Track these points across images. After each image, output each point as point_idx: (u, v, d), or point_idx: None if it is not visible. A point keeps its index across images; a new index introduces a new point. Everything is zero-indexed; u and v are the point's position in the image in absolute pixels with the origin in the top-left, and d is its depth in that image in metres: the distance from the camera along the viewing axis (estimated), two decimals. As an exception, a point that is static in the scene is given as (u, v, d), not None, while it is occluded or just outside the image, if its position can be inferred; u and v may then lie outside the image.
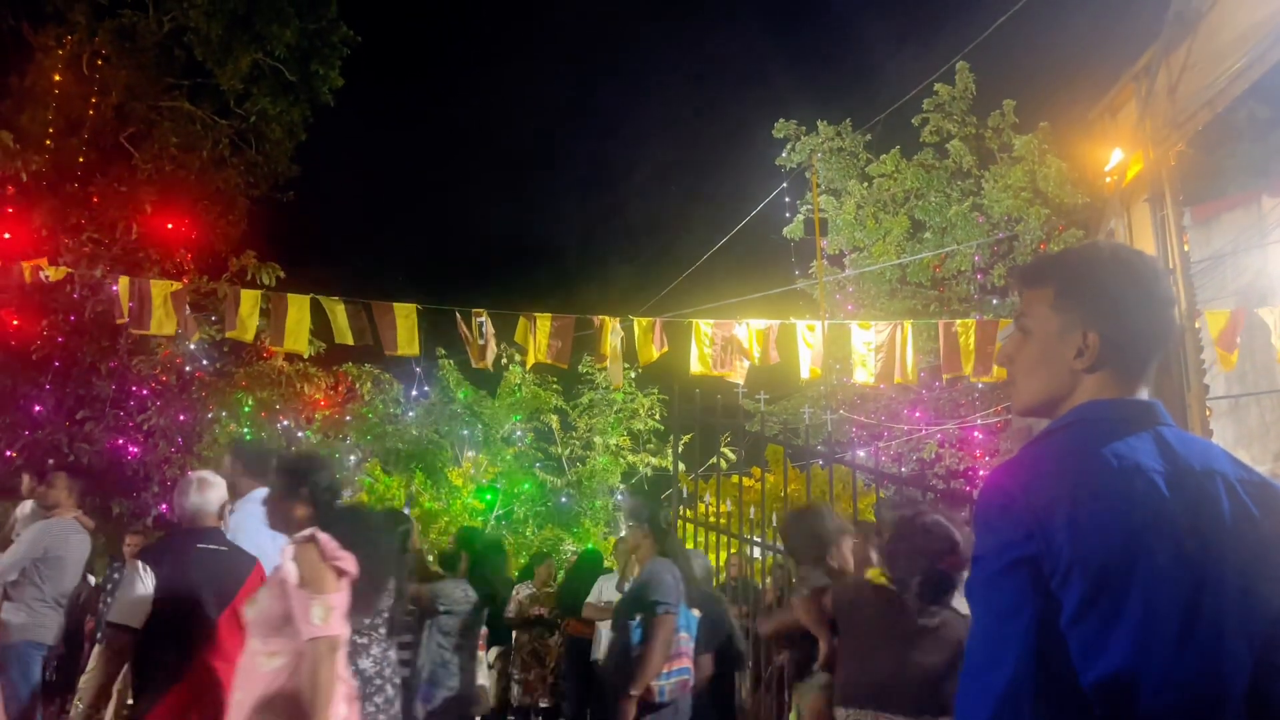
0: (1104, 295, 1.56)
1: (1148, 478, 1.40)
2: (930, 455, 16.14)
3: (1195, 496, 1.40)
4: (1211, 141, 10.06)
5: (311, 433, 15.71)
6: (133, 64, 14.34)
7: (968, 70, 16.00)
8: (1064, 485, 1.40)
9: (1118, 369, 1.53)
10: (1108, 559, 1.34)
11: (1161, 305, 1.55)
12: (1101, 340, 1.54)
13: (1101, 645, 1.33)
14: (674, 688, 4.36)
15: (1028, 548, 1.36)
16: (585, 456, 17.96)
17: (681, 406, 7.87)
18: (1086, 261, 1.61)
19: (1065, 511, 1.36)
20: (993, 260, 15.81)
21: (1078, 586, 1.33)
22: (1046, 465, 1.46)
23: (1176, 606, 1.34)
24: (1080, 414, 1.53)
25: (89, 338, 12.68)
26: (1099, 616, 1.33)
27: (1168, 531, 1.37)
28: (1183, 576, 1.35)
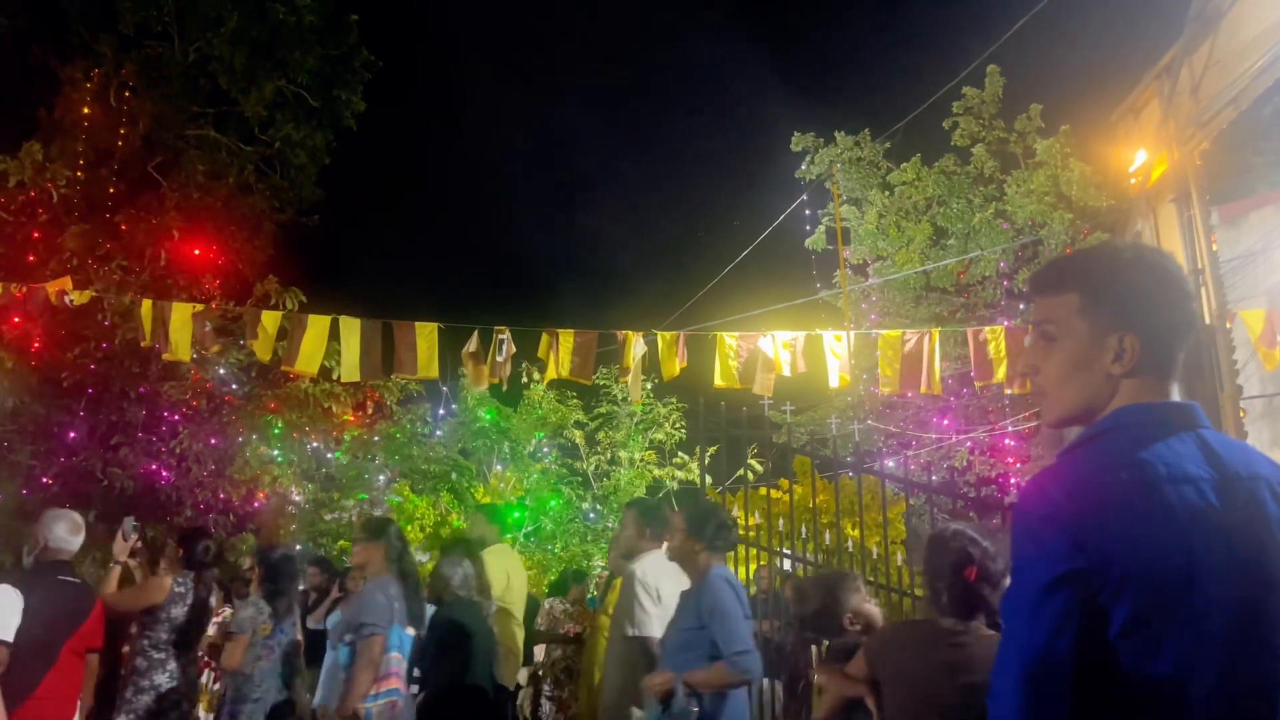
0: (1135, 296, 1.53)
1: (1196, 486, 1.37)
2: (961, 463, 16.00)
3: (1244, 504, 1.37)
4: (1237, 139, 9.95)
5: (341, 453, 15.80)
6: (159, 94, 14.58)
7: (998, 74, 15.93)
8: (1113, 494, 1.36)
9: (1153, 371, 1.50)
10: (1163, 572, 1.31)
11: (1187, 301, 1.54)
12: (1143, 339, 1.51)
13: (1153, 660, 1.29)
14: (382, 710, 4.32)
15: (1076, 561, 1.31)
16: (611, 471, 17.94)
17: (707, 419, 7.86)
18: (1111, 263, 1.57)
19: (1116, 522, 1.33)
20: (1017, 265, 15.70)
21: (1130, 601, 1.30)
22: (1092, 473, 1.41)
23: (1231, 621, 1.31)
24: (1118, 419, 1.49)
25: (120, 364, 12.85)
26: (1152, 631, 1.30)
27: (1220, 542, 1.33)
28: (1236, 590, 1.32)
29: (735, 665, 3.67)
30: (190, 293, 12.92)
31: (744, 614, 3.83)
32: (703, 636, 3.74)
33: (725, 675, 3.69)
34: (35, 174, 12.25)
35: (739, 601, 3.84)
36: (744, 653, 3.70)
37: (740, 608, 3.82)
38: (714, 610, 3.77)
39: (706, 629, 3.74)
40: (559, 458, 18.06)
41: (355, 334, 9.04)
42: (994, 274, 15.87)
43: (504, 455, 17.31)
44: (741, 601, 3.84)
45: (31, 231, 12.61)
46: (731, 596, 3.82)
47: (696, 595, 3.89)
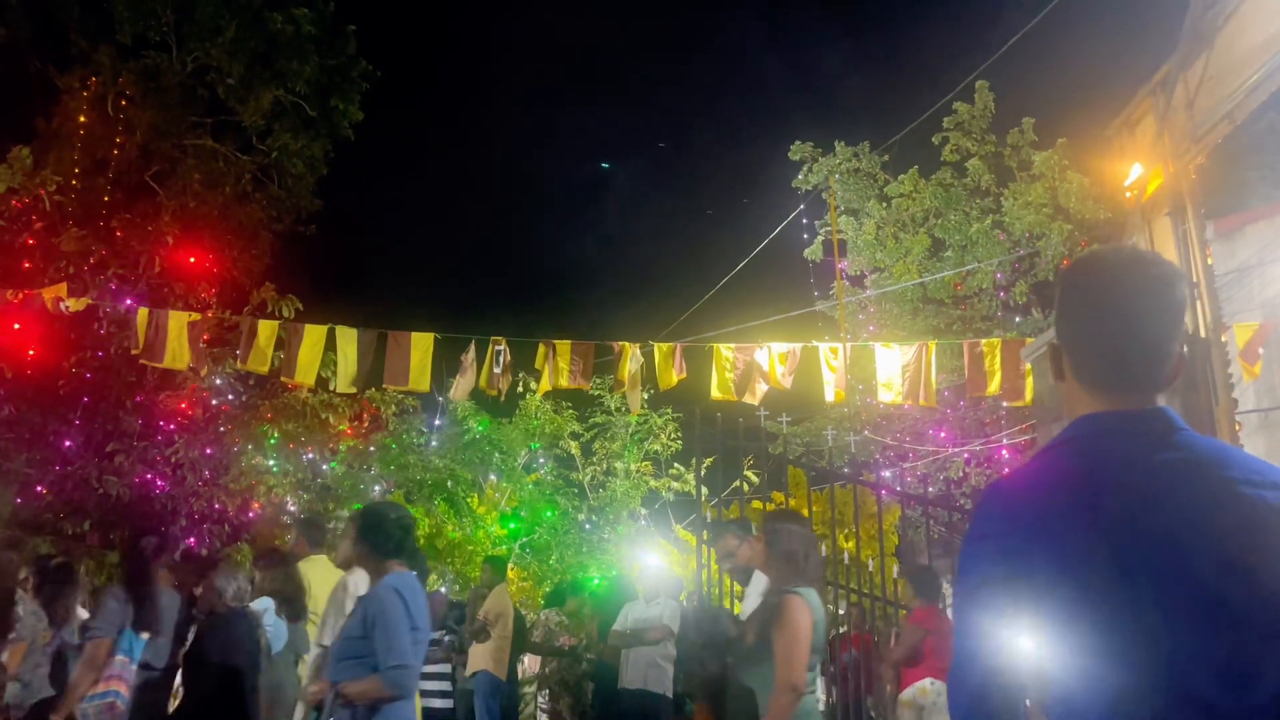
0: (1068, 304, 1.54)
1: (1132, 494, 1.37)
2: (957, 475, 16.00)
3: (1187, 511, 1.35)
4: (1232, 154, 9.99)
5: (336, 464, 15.77)
6: (157, 104, 14.59)
7: (987, 89, 15.99)
8: (1039, 504, 1.41)
9: (1100, 380, 1.49)
10: (1084, 578, 1.34)
11: (1135, 304, 1.47)
12: (1067, 351, 1.52)
13: (1080, 659, 1.33)
14: (99, 710, 4.47)
15: (1000, 568, 1.40)
16: (607, 482, 17.90)
17: (703, 430, 7.85)
18: (1064, 274, 1.59)
19: (1040, 530, 1.38)
20: (1014, 277, 15.73)
21: (1053, 605, 1.35)
22: (1024, 486, 1.48)
23: (1156, 624, 1.31)
24: (1074, 429, 1.50)
25: (116, 373, 12.83)
26: (1074, 634, 1.34)
27: (1148, 549, 1.33)
28: (1165, 594, 1.31)
29: (388, 679, 3.47)
30: (186, 301, 12.91)
31: (413, 625, 3.58)
32: (366, 646, 3.55)
33: (377, 689, 3.48)
34: (26, 180, 12.24)
35: (407, 613, 3.58)
36: (398, 667, 3.49)
37: (408, 619, 3.57)
38: (376, 620, 3.56)
39: (368, 638, 3.55)
40: (555, 469, 18.03)
41: (352, 344, 9.05)
42: (991, 286, 15.89)
43: (496, 466, 17.28)
44: (412, 613, 3.59)
45: (27, 239, 12.60)
46: (397, 607, 3.57)
47: (364, 603, 3.69)
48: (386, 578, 3.68)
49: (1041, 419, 7.22)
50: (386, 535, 3.76)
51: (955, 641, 1.46)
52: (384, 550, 3.74)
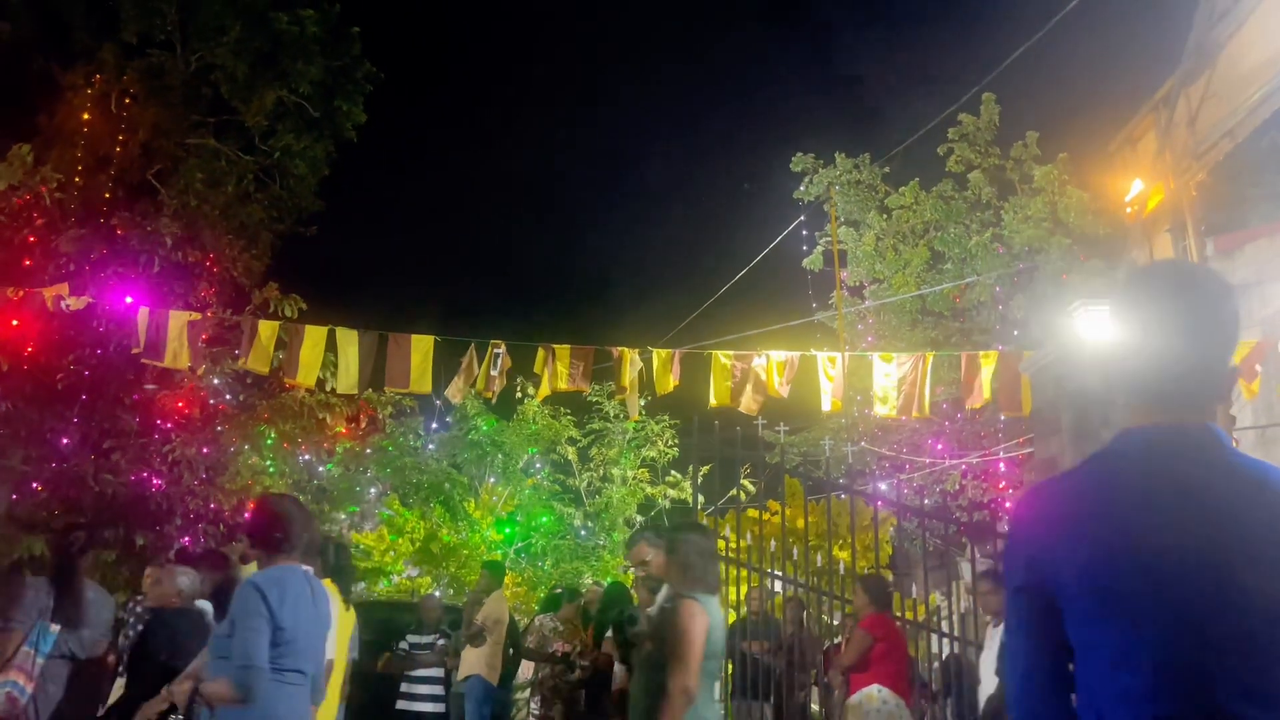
0: (1117, 315, 1.57)
1: (1169, 509, 1.38)
2: (954, 487, 15.98)
3: (1225, 529, 1.36)
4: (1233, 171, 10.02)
5: (333, 465, 15.76)
6: (160, 102, 14.58)
7: (993, 101, 16.01)
8: (1066, 516, 1.46)
9: (1140, 396, 1.50)
10: (1114, 585, 1.37)
11: (1187, 319, 1.48)
12: (1117, 363, 1.55)
13: (1110, 660, 1.37)
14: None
15: (1028, 577, 1.47)
16: (603, 488, 17.89)
17: (701, 438, 7.85)
18: (1120, 284, 1.61)
19: (1064, 544, 1.43)
20: (1013, 291, 15.73)
21: (1081, 610, 1.40)
22: (1055, 495, 1.52)
23: (1185, 628, 1.33)
24: (1119, 442, 1.51)
25: (114, 370, 12.81)
26: (1106, 636, 1.37)
27: (1180, 565, 1.35)
28: (1195, 611, 1.33)
29: (234, 679, 3.36)
30: (185, 300, 12.89)
31: (276, 624, 3.43)
32: (229, 644, 3.48)
33: (226, 689, 3.38)
34: (27, 177, 12.24)
35: (268, 610, 3.44)
36: (245, 668, 3.35)
37: (266, 617, 3.42)
38: (235, 618, 3.48)
39: (233, 636, 3.48)
40: (551, 473, 18.02)
41: (352, 345, 9.05)
42: (990, 299, 15.90)
43: (496, 468, 17.26)
44: (274, 610, 3.44)
45: (28, 236, 12.59)
46: (252, 604, 3.44)
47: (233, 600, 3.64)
48: (255, 574, 3.61)
49: (1040, 432, 7.23)
50: (271, 529, 3.66)
51: (1005, 639, 1.56)
52: (269, 544, 3.65)
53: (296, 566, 3.66)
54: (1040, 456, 7.17)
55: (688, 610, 3.58)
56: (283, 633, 3.44)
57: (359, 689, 8.74)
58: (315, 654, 3.61)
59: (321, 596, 3.74)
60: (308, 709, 3.63)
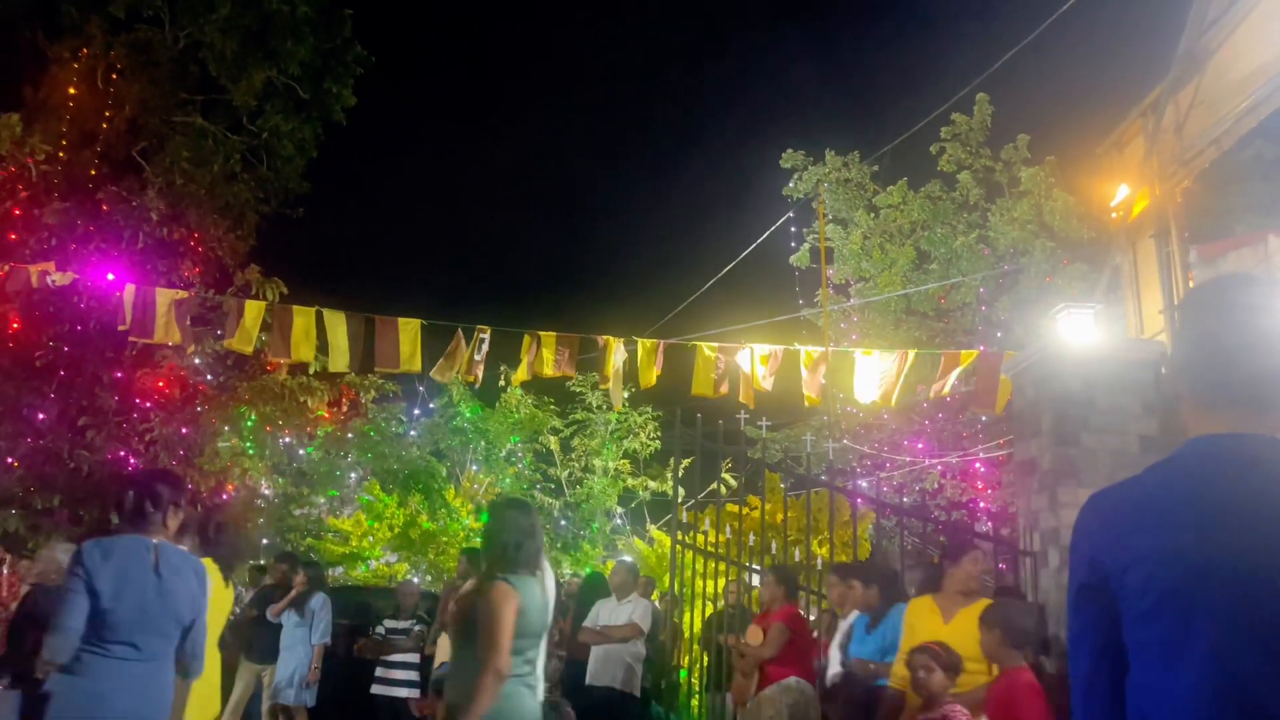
0: (1186, 323, 1.61)
1: (1227, 517, 1.40)
2: (932, 486, 16.06)
3: (1275, 537, 1.37)
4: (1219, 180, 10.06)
5: (313, 449, 15.68)
6: (147, 78, 14.45)
7: (986, 102, 16.04)
8: (1127, 520, 1.50)
9: (1222, 402, 1.52)
10: (1168, 587, 1.41)
11: (1257, 328, 1.50)
12: (1184, 371, 1.58)
13: (1162, 662, 1.40)
14: None
15: (1089, 577, 1.53)
16: (584, 479, 17.88)
17: (683, 431, 7.86)
18: (1190, 293, 1.66)
19: (1123, 547, 1.48)
20: (997, 293, 15.80)
21: (1138, 610, 1.44)
22: (1118, 499, 1.57)
23: (1238, 634, 1.35)
24: (1184, 449, 1.54)
25: (93, 348, 12.72)
26: (1159, 637, 1.41)
27: (1234, 572, 1.37)
28: (1248, 606, 1.35)
29: (46, 643, 3.38)
30: (169, 278, 12.81)
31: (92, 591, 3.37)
32: None
33: (47, 654, 3.38)
34: (14, 148, 12.11)
35: (82, 575, 3.39)
36: (54, 630, 3.34)
37: (78, 582, 3.37)
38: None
39: None
40: (533, 463, 18.00)
41: (341, 327, 9.03)
42: (974, 300, 15.97)
43: (479, 456, 17.23)
44: (90, 576, 3.38)
45: (12, 209, 12.47)
46: (73, 568, 3.43)
47: None
48: (86, 540, 3.62)
49: (1020, 433, 7.25)
50: (128, 503, 3.67)
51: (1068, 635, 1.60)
52: (125, 517, 3.66)
53: (140, 537, 3.59)
54: (1019, 458, 7.20)
55: (499, 592, 3.59)
56: (99, 599, 3.37)
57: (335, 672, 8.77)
58: (156, 627, 3.50)
59: (178, 571, 3.61)
60: (148, 684, 3.51)
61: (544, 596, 3.85)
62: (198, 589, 3.68)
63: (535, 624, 3.73)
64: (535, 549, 3.86)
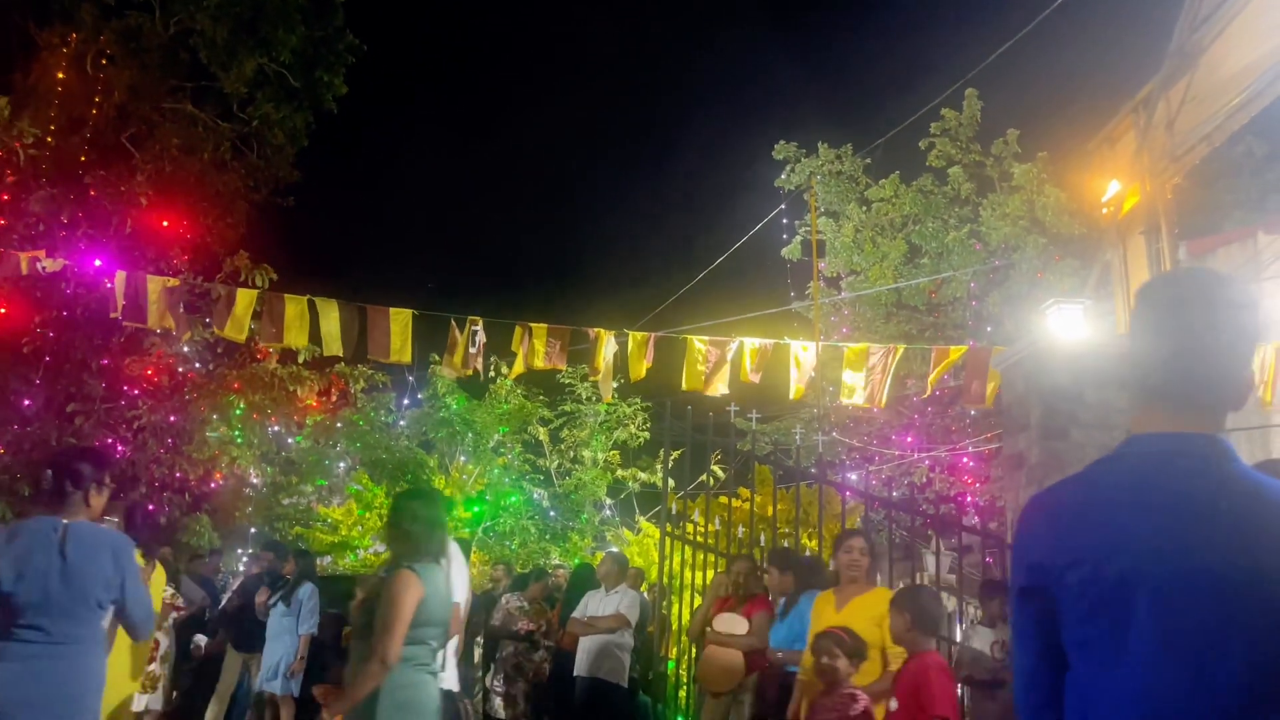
0: (1137, 319, 1.58)
1: (1164, 519, 1.40)
2: (921, 479, 16.12)
3: (1220, 541, 1.36)
4: (1209, 176, 10.12)
5: (302, 438, 15.63)
6: (137, 65, 14.35)
7: (975, 97, 16.07)
8: (1064, 522, 1.50)
9: (1167, 400, 1.50)
10: (1104, 590, 1.40)
11: (1205, 327, 1.47)
12: (1134, 366, 1.56)
13: (1099, 662, 1.40)
14: None
15: (1029, 579, 1.51)
16: (573, 469, 17.86)
17: (673, 423, 7.87)
18: (1141, 288, 1.61)
19: (1061, 549, 1.47)
20: (988, 287, 15.84)
21: (1076, 611, 1.44)
22: (1057, 500, 1.56)
23: (1164, 639, 1.35)
24: (1125, 447, 1.54)
25: (81, 334, 12.65)
26: (1095, 638, 1.41)
27: (1171, 574, 1.36)
28: (1184, 605, 1.35)
29: None
30: (157, 265, 12.74)
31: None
32: None
33: None
34: (1, 132, 12.02)
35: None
36: None
37: None
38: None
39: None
40: (522, 453, 17.97)
41: (333, 314, 9.01)
42: (965, 295, 16.01)
43: (467, 447, 17.20)
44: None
45: (1, 194, 12.39)
46: None
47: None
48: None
49: (1008, 428, 7.28)
50: (37, 482, 3.72)
51: (1011, 633, 1.61)
52: (39, 497, 3.70)
53: (50, 518, 3.55)
54: (1008, 452, 7.23)
55: (401, 580, 3.63)
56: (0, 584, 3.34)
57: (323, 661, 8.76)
58: (63, 610, 3.43)
59: (90, 550, 3.54)
60: (55, 668, 3.44)
61: (448, 586, 3.90)
62: (112, 568, 3.58)
63: (438, 613, 3.77)
64: (441, 539, 3.92)
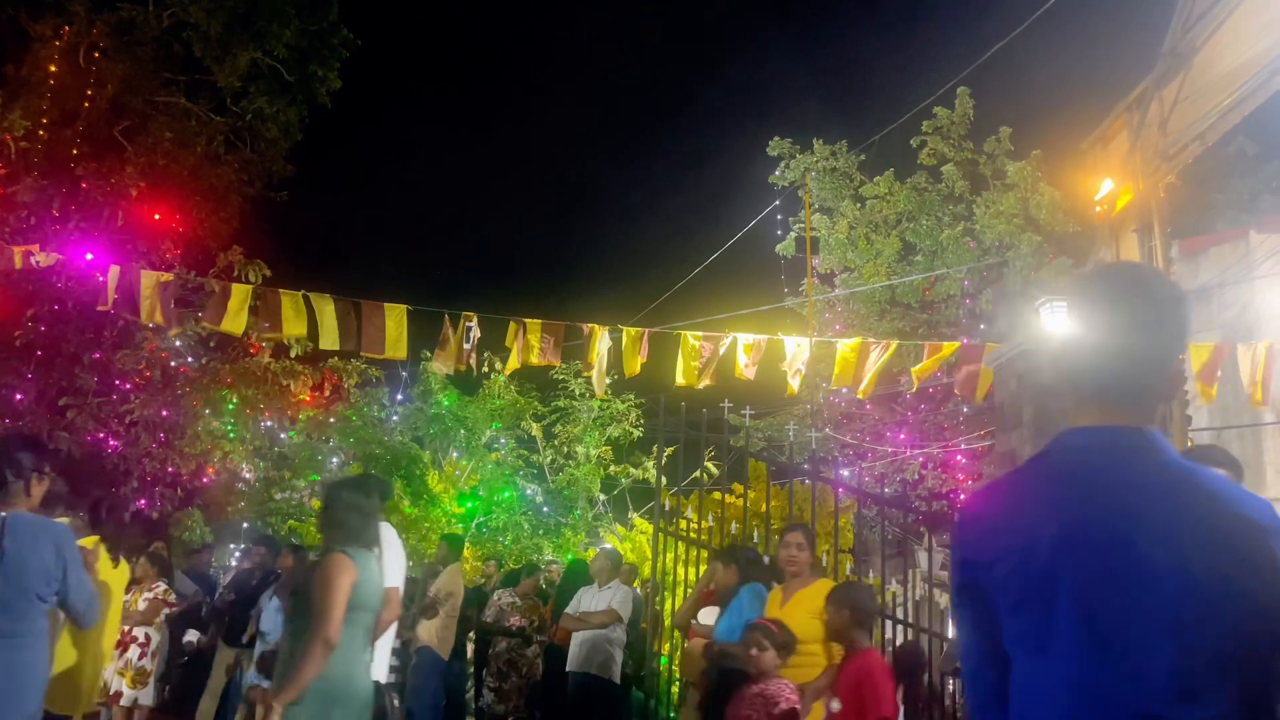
0: (1069, 314, 1.60)
1: (1094, 511, 1.41)
2: (913, 476, 16.16)
3: (1148, 531, 1.37)
4: (1201, 175, 10.15)
5: (295, 433, 15.60)
6: (130, 58, 14.29)
7: (967, 95, 16.08)
8: (998, 519, 1.51)
9: (1097, 393, 1.52)
10: (1030, 583, 1.42)
11: (1133, 321, 1.49)
12: (1065, 361, 1.58)
13: (1030, 655, 1.42)
14: None
15: (963, 577, 1.52)
16: (566, 466, 17.87)
17: (667, 419, 7.87)
18: (1073, 284, 1.68)
19: (993, 546, 1.48)
20: (982, 285, 15.87)
21: (1007, 604, 1.45)
22: (991, 498, 1.59)
23: (1088, 631, 1.36)
24: (1056, 442, 1.55)
25: (73, 328, 12.60)
26: (1026, 632, 1.43)
27: (1101, 566, 1.37)
28: (1115, 610, 1.35)
29: None
30: (149, 259, 12.70)
31: None
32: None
33: None
34: None
35: None
36: None
37: None
38: None
39: None
40: (515, 449, 17.96)
41: (328, 308, 9.00)
42: (959, 293, 16.03)
43: (460, 443, 17.18)
44: None
45: (-10, 187, 12.34)
46: None
47: None
48: None
49: (1001, 425, 7.31)
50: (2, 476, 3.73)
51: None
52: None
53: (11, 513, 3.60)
54: (1001, 449, 7.26)
55: (335, 563, 3.68)
56: None
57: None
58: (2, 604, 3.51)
59: (30, 543, 3.60)
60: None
61: (381, 574, 3.94)
62: (54, 560, 3.62)
63: (371, 598, 3.81)
64: (373, 527, 3.97)
